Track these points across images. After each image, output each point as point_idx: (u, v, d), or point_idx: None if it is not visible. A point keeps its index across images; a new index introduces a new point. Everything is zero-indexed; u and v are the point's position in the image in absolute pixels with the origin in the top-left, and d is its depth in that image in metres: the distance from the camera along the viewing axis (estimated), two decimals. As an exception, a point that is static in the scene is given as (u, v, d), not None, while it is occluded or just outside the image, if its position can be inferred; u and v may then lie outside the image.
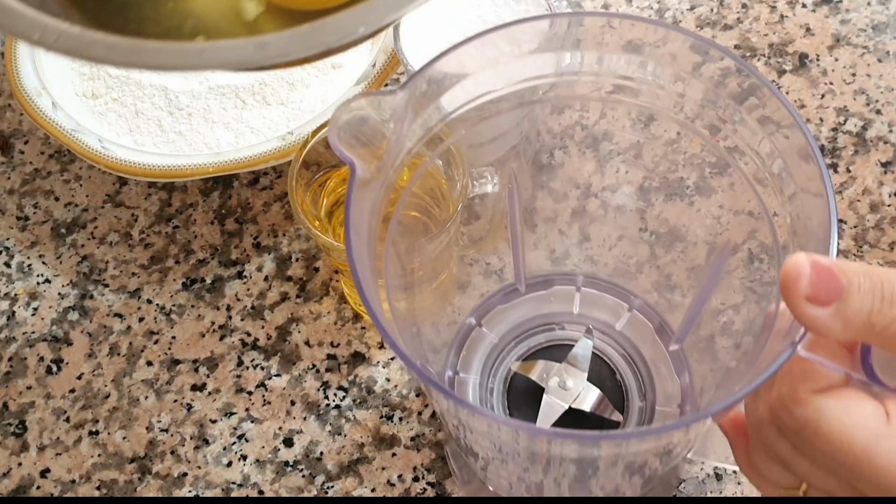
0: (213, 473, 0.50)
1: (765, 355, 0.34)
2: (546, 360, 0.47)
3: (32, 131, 0.62)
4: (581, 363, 0.46)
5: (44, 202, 0.59)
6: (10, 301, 0.55)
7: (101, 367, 0.53)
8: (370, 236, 0.36)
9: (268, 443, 0.50)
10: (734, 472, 0.48)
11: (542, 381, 0.46)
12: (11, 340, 0.54)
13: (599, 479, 0.39)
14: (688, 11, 0.63)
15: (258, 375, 0.52)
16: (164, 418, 0.51)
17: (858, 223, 0.55)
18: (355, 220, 0.32)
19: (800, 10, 0.63)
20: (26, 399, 0.52)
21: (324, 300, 0.54)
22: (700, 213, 0.47)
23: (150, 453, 0.50)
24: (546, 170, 0.50)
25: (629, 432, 0.30)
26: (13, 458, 0.51)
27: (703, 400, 0.46)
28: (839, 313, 0.29)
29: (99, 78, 0.59)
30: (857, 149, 0.58)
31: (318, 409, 0.51)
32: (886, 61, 0.61)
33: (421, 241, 0.45)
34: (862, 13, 0.63)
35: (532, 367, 0.47)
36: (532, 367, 0.47)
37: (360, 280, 0.31)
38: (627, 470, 0.39)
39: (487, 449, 0.39)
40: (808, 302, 0.29)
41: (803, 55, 0.61)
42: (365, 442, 0.50)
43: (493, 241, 0.51)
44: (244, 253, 0.56)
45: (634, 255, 0.50)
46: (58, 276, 0.56)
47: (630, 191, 0.48)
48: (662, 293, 0.50)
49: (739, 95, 0.37)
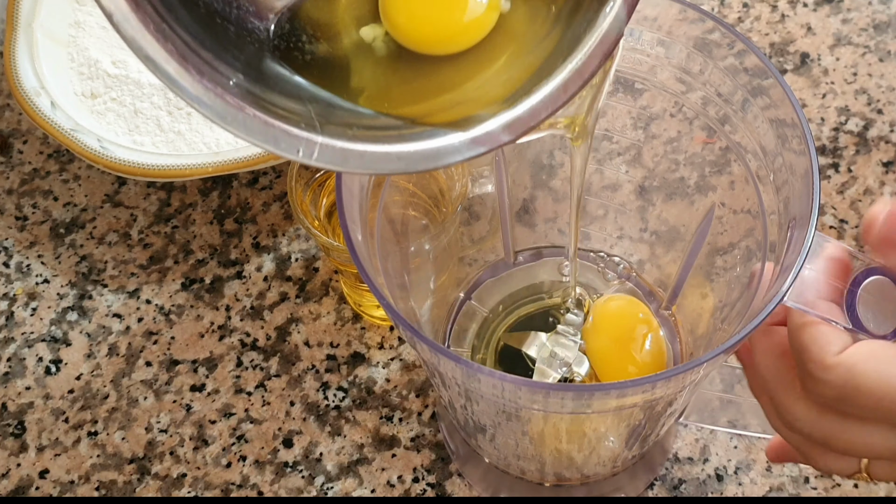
0: (213, 474, 0.49)
1: (752, 311, 0.34)
2: (537, 332, 0.47)
3: (31, 131, 0.62)
4: (572, 333, 0.47)
5: (42, 202, 0.59)
6: (9, 301, 0.55)
7: (99, 367, 0.53)
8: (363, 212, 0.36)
9: (267, 443, 0.50)
10: (735, 472, 0.48)
11: (533, 352, 0.46)
12: (10, 341, 0.54)
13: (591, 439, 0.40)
14: (688, 11, 0.63)
15: (257, 376, 0.52)
16: (163, 419, 0.51)
17: (860, 223, 0.55)
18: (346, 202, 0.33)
19: (801, 9, 0.63)
20: (25, 399, 0.52)
21: (323, 300, 0.54)
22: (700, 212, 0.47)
23: (150, 454, 0.50)
24: (546, 169, 0.49)
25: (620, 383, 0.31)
26: (12, 459, 0.50)
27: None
28: None
29: (98, 77, 0.59)
30: (859, 149, 0.57)
31: (317, 409, 0.51)
32: (888, 61, 0.60)
33: (421, 241, 0.45)
34: (863, 13, 0.62)
35: (524, 339, 0.47)
36: (524, 339, 0.47)
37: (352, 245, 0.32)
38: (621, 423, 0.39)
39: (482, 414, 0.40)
40: (883, 244, 0.31)
41: (804, 55, 0.61)
42: (365, 443, 0.50)
43: (492, 241, 0.51)
44: (243, 253, 0.56)
45: (635, 253, 0.50)
46: (56, 276, 0.56)
47: (630, 190, 0.48)
48: (651, 257, 0.50)
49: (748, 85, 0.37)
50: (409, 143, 0.28)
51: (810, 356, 0.31)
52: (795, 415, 0.33)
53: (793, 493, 0.48)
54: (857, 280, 0.33)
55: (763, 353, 0.35)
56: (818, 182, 0.33)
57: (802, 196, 0.33)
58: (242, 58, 0.28)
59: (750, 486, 0.48)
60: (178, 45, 0.25)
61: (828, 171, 0.57)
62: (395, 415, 0.50)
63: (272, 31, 0.30)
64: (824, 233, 0.55)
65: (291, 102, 0.28)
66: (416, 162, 0.28)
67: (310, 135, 0.27)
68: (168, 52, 0.25)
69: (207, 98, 0.26)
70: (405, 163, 0.28)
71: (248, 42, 0.29)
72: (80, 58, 0.59)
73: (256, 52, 0.29)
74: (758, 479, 0.48)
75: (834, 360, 0.30)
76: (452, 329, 0.49)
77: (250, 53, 0.29)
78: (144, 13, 0.25)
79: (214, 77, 0.26)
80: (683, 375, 0.32)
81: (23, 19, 0.58)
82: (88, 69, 0.59)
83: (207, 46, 0.27)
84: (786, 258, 0.34)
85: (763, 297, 0.34)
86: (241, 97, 0.26)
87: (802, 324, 0.32)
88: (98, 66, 0.59)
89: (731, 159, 0.41)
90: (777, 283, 0.32)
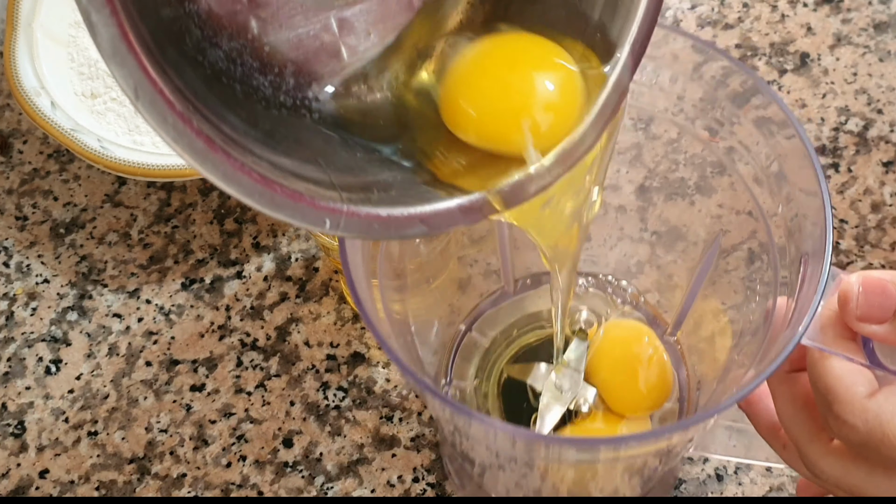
0: (213, 474, 0.49)
1: (765, 348, 0.34)
2: (540, 363, 0.47)
3: (31, 131, 0.62)
4: (576, 364, 0.46)
5: (42, 202, 0.59)
6: (9, 301, 0.55)
7: (99, 367, 0.53)
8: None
9: (267, 443, 0.50)
10: (735, 472, 0.48)
11: (537, 383, 0.46)
12: (10, 341, 0.54)
13: (598, 482, 0.39)
14: (688, 11, 0.63)
15: (257, 376, 0.52)
16: (163, 419, 0.51)
17: (860, 223, 0.55)
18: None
19: (801, 9, 0.63)
20: (25, 399, 0.52)
21: (323, 300, 0.54)
22: (701, 213, 0.47)
23: (150, 454, 0.50)
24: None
25: (628, 437, 0.30)
26: (12, 459, 0.50)
27: (701, 395, 0.46)
28: (895, 328, 0.29)
29: (98, 77, 0.59)
30: (859, 148, 0.57)
31: (317, 409, 0.51)
32: (888, 61, 0.60)
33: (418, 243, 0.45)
34: (863, 13, 0.62)
35: (527, 371, 0.46)
36: (527, 371, 0.46)
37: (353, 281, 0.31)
38: (626, 472, 0.39)
39: (484, 455, 0.39)
40: (861, 322, 0.29)
41: (804, 54, 0.61)
42: (365, 443, 0.50)
43: (492, 241, 0.50)
44: (243, 253, 0.56)
45: (635, 255, 0.50)
46: (56, 276, 0.56)
47: (631, 190, 0.48)
48: (655, 286, 0.49)
49: (739, 97, 0.37)
50: (431, 203, 0.27)
51: (836, 397, 0.30)
52: (822, 468, 0.32)
53: (793, 493, 0.48)
54: None
55: (785, 403, 0.34)
56: (830, 218, 0.32)
57: (815, 231, 0.33)
58: (262, 124, 0.27)
59: (750, 486, 0.48)
60: (201, 121, 0.24)
61: (828, 170, 0.57)
62: (395, 415, 0.50)
63: (310, 97, 0.29)
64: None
65: (310, 169, 0.27)
66: (438, 225, 0.27)
67: (334, 204, 0.26)
68: (195, 132, 0.23)
69: (236, 176, 0.24)
70: (428, 225, 0.27)
71: (266, 106, 0.28)
72: (80, 58, 0.59)
73: (275, 116, 0.28)
74: (758, 479, 0.48)
75: (862, 404, 0.30)
76: (454, 362, 0.49)
77: (269, 119, 0.28)
78: (174, 91, 0.23)
79: (239, 152, 0.25)
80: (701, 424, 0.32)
81: (23, 19, 0.58)
82: (88, 69, 0.59)
83: (227, 116, 0.25)
84: (800, 295, 0.33)
85: (779, 332, 0.33)
86: (267, 171, 0.25)
87: (824, 364, 0.31)
88: (98, 66, 0.59)
89: (738, 190, 0.40)
90: (794, 321, 0.31)
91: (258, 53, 0.28)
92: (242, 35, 0.27)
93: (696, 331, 0.47)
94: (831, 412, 0.30)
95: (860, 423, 0.30)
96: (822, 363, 0.31)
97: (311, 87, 0.29)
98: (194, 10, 0.26)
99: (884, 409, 0.29)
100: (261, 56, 0.28)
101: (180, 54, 0.25)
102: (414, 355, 0.43)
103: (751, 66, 0.61)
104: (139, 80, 0.22)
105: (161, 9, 0.25)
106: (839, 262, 0.54)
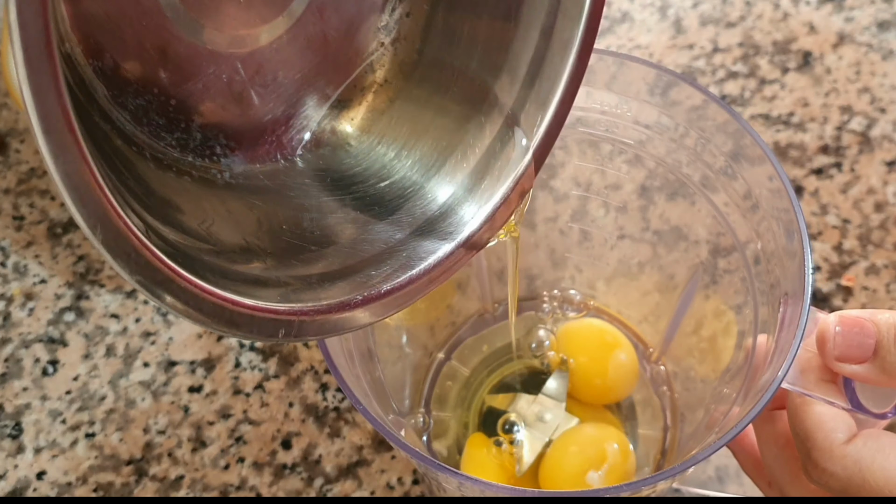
0: (211, 476, 0.49)
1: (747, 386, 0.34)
2: (521, 393, 0.46)
3: (28, 130, 0.62)
4: (557, 395, 0.46)
5: (39, 202, 0.59)
6: (6, 302, 0.55)
7: (97, 368, 0.53)
8: None
9: (266, 445, 0.50)
10: (736, 473, 0.48)
11: (519, 415, 0.45)
12: (7, 341, 0.54)
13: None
14: (690, 9, 0.63)
15: (256, 377, 0.52)
16: (160, 420, 0.51)
17: (863, 223, 0.54)
18: None
19: (804, 7, 0.63)
20: (22, 400, 0.52)
21: (322, 301, 0.54)
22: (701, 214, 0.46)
23: (147, 455, 0.50)
24: (546, 169, 0.49)
25: (608, 489, 0.30)
26: (9, 460, 0.50)
27: (685, 425, 0.46)
28: (875, 368, 0.29)
29: (95, 76, 0.58)
30: (862, 148, 0.57)
31: (316, 411, 0.51)
32: (891, 60, 0.60)
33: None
34: (866, 11, 0.62)
35: (507, 401, 0.46)
36: (507, 401, 0.46)
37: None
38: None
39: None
40: (839, 362, 0.29)
41: (807, 53, 0.61)
42: (364, 444, 0.50)
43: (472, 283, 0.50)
44: (242, 253, 0.56)
45: (636, 255, 0.50)
46: (54, 276, 0.56)
47: (631, 190, 0.47)
48: (639, 315, 0.49)
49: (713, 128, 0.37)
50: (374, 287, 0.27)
51: (815, 444, 0.30)
52: None
53: (795, 495, 0.47)
54: None
55: (768, 443, 0.34)
56: (810, 260, 0.32)
57: (795, 270, 0.32)
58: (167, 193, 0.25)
59: (750, 485, 0.48)
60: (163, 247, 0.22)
61: (830, 170, 0.56)
62: (394, 416, 0.50)
63: (218, 152, 0.27)
64: (827, 233, 0.54)
65: (257, 270, 0.25)
66: (386, 309, 0.27)
67: (288, 305, 0.24)
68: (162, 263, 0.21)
69: (195, 301, 0.22)
70: (375, 311, 0.26)
71: (177, 173, 0.26)
72: (77, 56, 0.59)
73: (185, 184, 0.26)
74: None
75: (840, 450, 0.29)
76: (433, 392, 0.48)
77: (176, 186, 0.26)
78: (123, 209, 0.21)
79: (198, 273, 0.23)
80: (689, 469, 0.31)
81: (20, 18, 0.58)
82: (86, 68, 0.58)
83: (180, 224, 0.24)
84: (780, 336, 0.33)
85: (760, 370, 0.33)
86: (224, 287, 0.23)
87: (804, 409, 0.31)
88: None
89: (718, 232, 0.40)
90: (773, 363, 0.31)
91: (164, 109, 0.26)
92: (148, 90, 0.26)
93: (680, 359, 0.47)
94: (810, 459, 0.30)
95: (839, 470, 0.29)
96: (802, 409, 0.31)
97: (219, 139, 0.27)
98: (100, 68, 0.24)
99: (863, 454, 0.29)
100: (166, 111, 0.26)
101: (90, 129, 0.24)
102: (382, 392, 0.43)
103: (753, 65, 0.61)
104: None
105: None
106: (842, 261, 0.54)
